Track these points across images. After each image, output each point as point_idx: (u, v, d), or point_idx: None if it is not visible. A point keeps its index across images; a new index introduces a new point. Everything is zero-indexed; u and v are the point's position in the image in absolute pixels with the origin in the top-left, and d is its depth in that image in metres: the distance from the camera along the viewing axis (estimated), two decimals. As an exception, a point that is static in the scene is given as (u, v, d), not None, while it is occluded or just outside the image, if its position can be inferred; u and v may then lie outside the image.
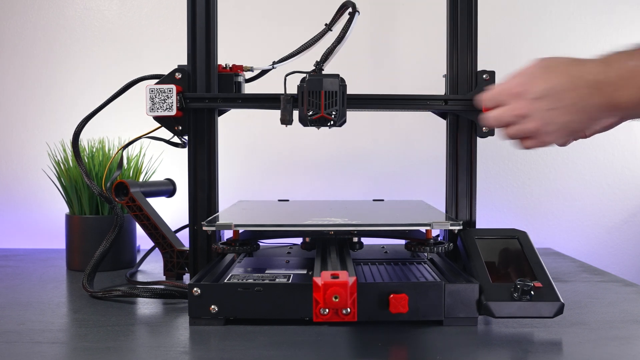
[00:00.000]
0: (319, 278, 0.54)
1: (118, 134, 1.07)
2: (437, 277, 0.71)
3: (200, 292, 0.64)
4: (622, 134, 1.28)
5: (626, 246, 1.30)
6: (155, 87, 0.77)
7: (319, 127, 0.76)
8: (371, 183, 1.28)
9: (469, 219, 0.83)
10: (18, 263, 1.05)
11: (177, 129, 0.80)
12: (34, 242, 1.26)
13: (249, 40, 1.26)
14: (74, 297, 0.80)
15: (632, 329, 0.65)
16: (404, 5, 1.27)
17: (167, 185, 1.03)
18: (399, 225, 0.71)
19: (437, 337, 0.61)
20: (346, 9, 0.78)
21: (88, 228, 0.98)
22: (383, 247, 0.94)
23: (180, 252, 0.89)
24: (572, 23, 1.27)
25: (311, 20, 0.86)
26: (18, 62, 1.27)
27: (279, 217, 0.84)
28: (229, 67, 0.83)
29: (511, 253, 0.72)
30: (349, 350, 0.58)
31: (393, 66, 1.27)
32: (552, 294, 0.64)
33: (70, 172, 1.00)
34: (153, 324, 0.67)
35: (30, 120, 1.28)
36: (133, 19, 1.27)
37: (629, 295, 0.79)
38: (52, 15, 1.27)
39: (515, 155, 1.29)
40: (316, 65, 0.77)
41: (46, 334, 0.63)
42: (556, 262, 1.05)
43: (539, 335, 0.62)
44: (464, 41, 0.82)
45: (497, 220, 1.28)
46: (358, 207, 0.91)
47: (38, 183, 1.25)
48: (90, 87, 1.27)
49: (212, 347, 0.59)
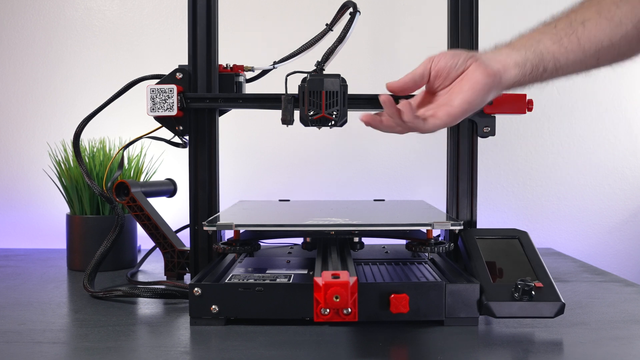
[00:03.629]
0: (320, 278, 0.54)
1: (119, 134, 1.07)
2: (438, 277, 0.71)
3: (201, 292, 0.64)
4: (623, 134, 1.28)
5: (627, 246, 1.30)
6: (156, 87, 0.77)
7: (320, 127, 0.76)
8: (372, 183, 1.28)
9: (469, 219, 0.83)
10: (19, 263, 1.05)
11: (178, 129, 0.80)
12: (34, 242, 1.26)
13: (249, 40, 1.26)
14: (75, 297, 0.80)
15: (633, 329, 0.65)
16: (404, 5, 1.27)
17: (168, 185, 1.03)
18: (399, 225, 0.71)
19: (438, 337, 0.61)
20: (347, 9, 0.78)
21: (89, 228, 0.98)
22: (384, 247, 0.94)
23: (181, 252, 0.89)
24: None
25: (312, 20, 0.86)
26: (18, 62, 1.27)
27: (279, 217, 0.84)
28: (230, 67, 0.83)
29: (512, 253, 0.72)
30: (350, 351, 0.58)
31: (393, 66, 1.27)
32: (553, 294, 0.63)
33: (71, 172, 1.00)
34: (154, 324, 0.67)
35: (30, 120, 1.28)
36: (134, 19, 1.27)
37: (629, 296, 0.79)
38: (52, 14, 1.27)
39: (516, 155, 1.29)
40: (317, 65, 0.77)
41: (47, 334, 0.63)
42: (557, 262, 1.05)
43: (539, 335, 0.62)
44: (465, 41, 0.82)
45: (497, 220, 1.28)
46: (359, 207, 0.91)
47: (39, 183, 1.26)
48: (91, 87, 1.27)
49: (212, 347, 0.59)
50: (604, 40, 0.59)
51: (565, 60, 0.61)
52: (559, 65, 0.61)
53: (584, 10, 0.61)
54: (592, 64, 0.62)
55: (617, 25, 0.59)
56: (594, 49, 0.60)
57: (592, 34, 0.60)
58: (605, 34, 0.59)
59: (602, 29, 0.59)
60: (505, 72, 0.61)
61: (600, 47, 0.60)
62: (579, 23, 0.60)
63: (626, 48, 0.60)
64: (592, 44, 0.60)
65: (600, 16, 0.60)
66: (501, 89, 0.63)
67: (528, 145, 1.28)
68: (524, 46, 0.62)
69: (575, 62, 0.61)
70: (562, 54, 0.61)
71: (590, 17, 0.60)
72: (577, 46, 0.60)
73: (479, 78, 0.61)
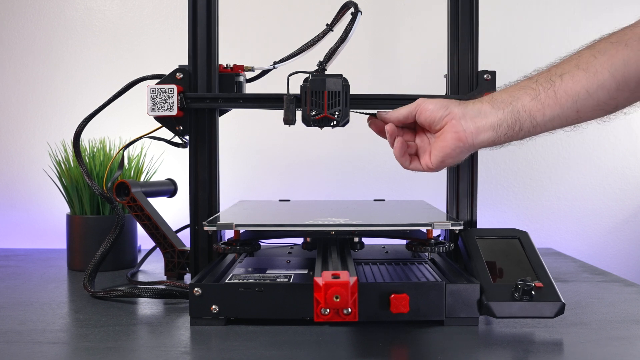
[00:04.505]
0: (320, 278, 0.54)
1: (119, 134, 1.07)
2: (438, 277, 0.71)
3: (201, 292, 0.64)
4: (623, 134, 1.28)
5: (627, 246, 1.30)
6: (157, 87, 0.77)
7: (321, 127, 0.76)
8: (372, 183, 1.28)
9: (469, 219, 0.83)
10: (19, 263, 1.05)
11: (178, 129, 0.80)
12: (34, 242, 1.26)
13: (249, 40, 1.26)
14: (75, 297, 0.80)
15: (633, 329, 0.65)
16: (404, 5, 1.27)
17: (168, 185, 1.03)
18: (400, 225, 0.71)
19: (438, 337, 0.61)
20: (348, 9, 0.78)
21: (89, 228, 0.98)
22: (384, 247, 0.94)
23: (181, 252, 0.89)
24: (573, 23, 1.27)
25: (312, 20, 0.86)
26: (19, 62, 1.27)
27: (280, 217, 0.84)
28: (230, 67, 0.83)
29: (512, 253, 0.72)
30: (350, 351, 0.58)
31: (394, 66, 1.27)
32: (553, 294, 0.63)
33: (71, 172, 1.00)
34: (154, 324, 0.67)
35: (31, 120, 1.28)
36: (134, 19, 1.27)
37: (630, 296, 0.79)
38: (52, 15, 1.27)
39: (516, 155, 1.29)
40: (319, 65, 0.77)
41: (47, 334, 0.63)
42: (557, 262, 1.05)
43: (540, 335, 0.62)
44: (465, 41, 0.82)
45: (498, 220, 1.28)
46: (359, 207, 0.91)
47: (39, 183, 1.26)
48: (91, 87, 1.27)
49: (213, 347, 0.59)
50: (580, 92, 0.59)
51: (542, 117, 0.61)
52: (535, 123, 0.62)
53: (564, 64, 0.61)
54: (572, 117, 0.61)
55: (593, 75, 0.58)
56: (571, 101, 0.60)
57: (568, 86, 0.60)
58: (582, 85, 0.59)
59: (578, 80, 0.59)
60: (477, 135, 0.64)
61: (577, 98, 0.59)
62: (557, 76, 0.61)
63: (606, 98, 0.59)
64: (568, 97, 0.60)
65: (578, 68, 0.60)
66: (474, 149, 0.66)
67: (528, 145, 1.28)
68: (503, 103, 0.63)
69: (554, 118, 0.61)
70: (539, 111, 0.61)
71: (569, 70, 0.60)
72: (554, 101, 0.60)
73: (449, 142, 0.65)
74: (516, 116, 0.62)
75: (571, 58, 0.61)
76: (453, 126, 0.64)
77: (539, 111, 0.61)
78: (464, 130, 0.64)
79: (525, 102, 0.62)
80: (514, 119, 0.62)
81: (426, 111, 0.67)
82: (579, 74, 0.59)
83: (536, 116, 0.61)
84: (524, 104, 0.62)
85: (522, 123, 0.62)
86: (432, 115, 0.66)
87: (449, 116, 0.65)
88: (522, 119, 0.62)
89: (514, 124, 0.62)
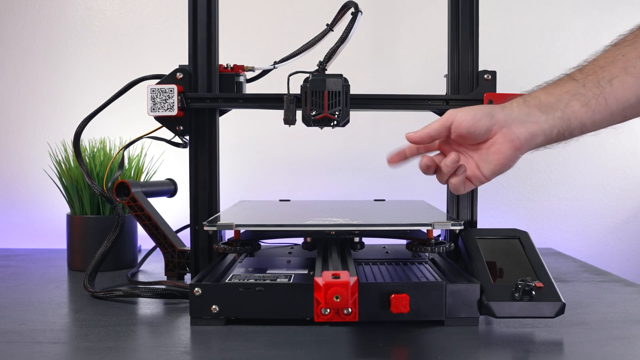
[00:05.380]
0: (320, 278, 0.54)
1: (119, 134, 1.07)
2: (438, 277, 0.71)
3: (201, 292, 0.64)
4: (623, 134, 1.28)
5: (627, 246, 1.30)
6: (157, 87, 0.77)
7: (322, 127, 0.76)
8: (372, 183, 1.28)
9: (470, 219, 0.83)
10: (19, 263, 1.05)
11: (178, 129, 0.80)
12: (35, 242, 1.26)
13: (249, 40, 1.26)
14: (75, 297, 0.80)
15: (634, 329, 0.65)
16: (404, 5, 1.27)
17: (168, 185, 1.03)
18: (400, 225, 0.71)
19: (438, 337, 0.61)
20: (348, 9, 0.78)
21: (89, 228, 0.98)
22: (384, 247, 0.94)
23: (181, 252, 0.89)
24: (573, 23, 1.27)
25: (312, 20, 0.86)
26: (19, 62, 1.27)
27: (280, 217, 0.84)
28: (230, 67, 0.83)
29: (512, 253, 0.72)
30: (350, 351, 0.58)
31: (394, 66, 1.27)
32: (554, 294, 0.63)
33: (71, 172, 1.00)
34: (154, 324, 0.67)
35: (31, 120, 1.28)
36: (134, 19, 1.27)
37: (630, 296, 0.79)
38: (53, 15, 1.27)
39: (516, 155, 1.29)
40: (319, 65, 0.77)
41: (47, 334, 0.63)
42: (557, 262, 1.05)
43: (540, 335, 0.62)
44: (465, 41, 0.82)
45: (498, 220, 1.28)
46: (359, 207, 0.91)
47: (39, 183, 1.26)
48: (91, 87, 1.27)
49: (213, 347, 0.59)
50: (631, 98, 0.58)
51: (591, 122, 0.60)
52: (585, 129, 0.61)
53: (610, 67, 0.59)
54: (617, 120, 0.61)
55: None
56: (621, 107, 0.59)
57: (619, 92, 0.58)
58: (633, 91, 0.58)
59: (630, 87, 0.58)
60: (532, 141, 0.61)
61: (627, 105, 0.59)
62: (606, 81, 0.59)
63: None
64: (619, 103, 0.59)
65: (627, 73, 0.58)
66: (525, 152, 0.63)
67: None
68: (552, 108, 0.61)
69: (602, 122, 0.61)
70: (589, 117, 0.60)
71: (617, 75, 0.59)
72: (605, 107, 0.59)
73: (505, 152, 0.62)
74: (567, 123, 0.60)
75: (615, 58, 0.60)
76: (505, 135, 0.61)
77: (589, 118, 0.60)
78: (518, 138, 0.61)
79: (575, 108, 0.60)
80: (564, 125, 0.61)
81: (465, 122, 0.62)
82: (629, 80, 0.58)
83: (586, 123, 0.60)
84: (574, 110, 0.60)
85: (572, 129, 0.61)
86: (475, 126, 0.61)
87: (497, 125, 0.61)
88: (573, 126, 0.61)
89: (564, 130, 0.61)
